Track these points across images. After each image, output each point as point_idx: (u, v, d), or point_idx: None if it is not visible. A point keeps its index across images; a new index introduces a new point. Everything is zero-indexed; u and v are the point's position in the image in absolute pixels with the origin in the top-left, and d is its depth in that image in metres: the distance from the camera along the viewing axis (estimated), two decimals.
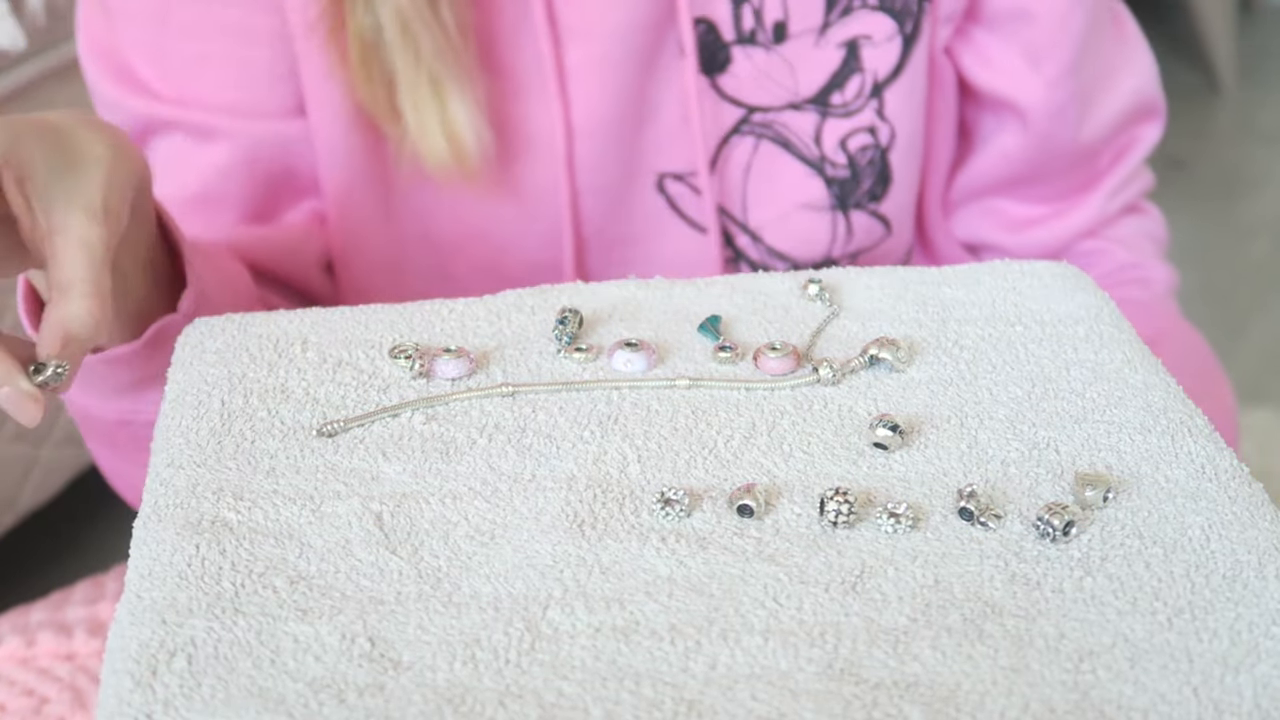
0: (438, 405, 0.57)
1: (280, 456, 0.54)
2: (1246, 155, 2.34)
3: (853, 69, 0.83)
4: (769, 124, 0.84)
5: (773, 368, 0.59)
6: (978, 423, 0.56)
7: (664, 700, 0.44)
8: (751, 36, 0.82)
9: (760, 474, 0.53)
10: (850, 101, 0.84)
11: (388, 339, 0.61)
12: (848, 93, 0.84)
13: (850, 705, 0.43)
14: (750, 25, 0.81)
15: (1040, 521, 0.50)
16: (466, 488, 0.53)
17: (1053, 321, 0.62)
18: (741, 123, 0.83)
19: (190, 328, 0.62)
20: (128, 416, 0.72)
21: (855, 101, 0.84)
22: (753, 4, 0.81)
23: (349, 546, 0.50)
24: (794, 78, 0.83)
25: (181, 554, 0.49)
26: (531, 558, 0.49)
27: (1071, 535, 0.50)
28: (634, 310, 0.63)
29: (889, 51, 0.83)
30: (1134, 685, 0.44)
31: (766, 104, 0.83)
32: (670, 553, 0.49)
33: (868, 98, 0.84)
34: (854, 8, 0.82)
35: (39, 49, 1.33)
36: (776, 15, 0.81)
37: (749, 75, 0.83)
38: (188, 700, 0.44)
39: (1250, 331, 1.87)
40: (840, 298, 0.64)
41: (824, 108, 0.84)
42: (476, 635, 0.46)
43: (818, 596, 0.48)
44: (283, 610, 0.47)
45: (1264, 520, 0.51)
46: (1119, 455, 0.54)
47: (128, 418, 0.73)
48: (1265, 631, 0.46)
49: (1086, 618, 0.47)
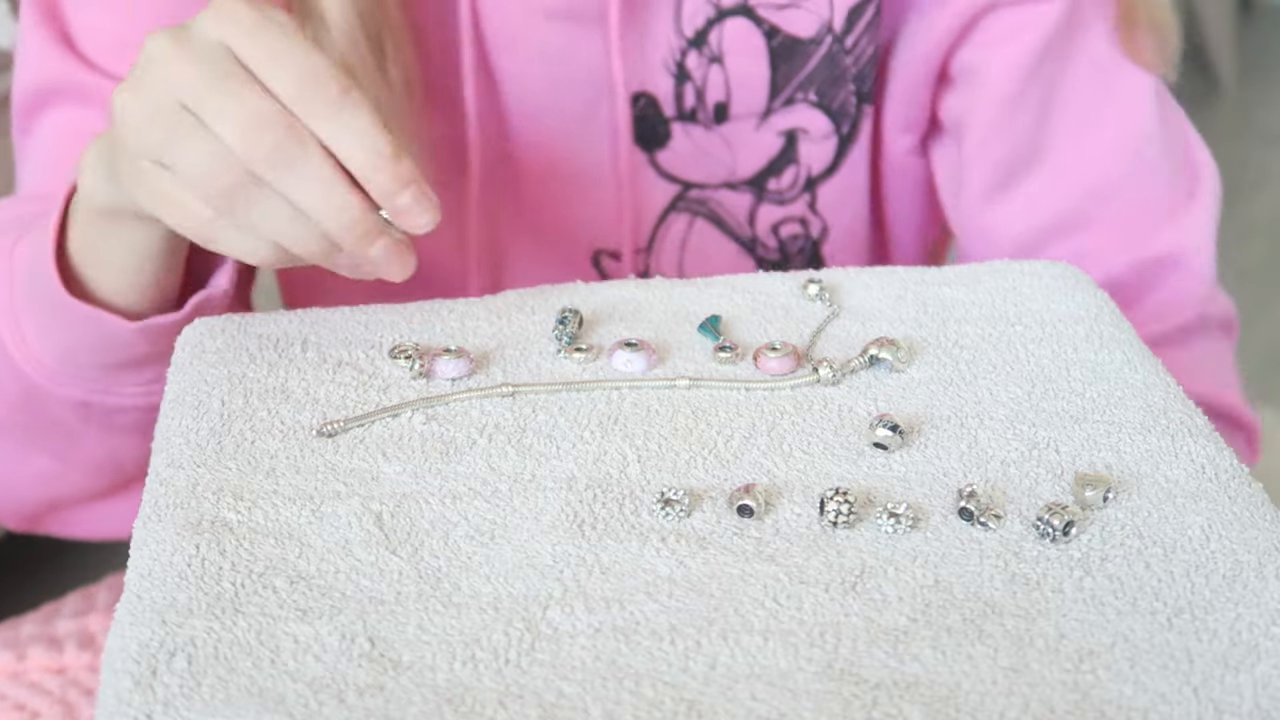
0: (438, 405, 0.57)
1: (280, 456, 0.54)
2: (1246, 155, 2.34)
3: (790, 159, 0.83)
4: (704, 200, 0.83)
5: (773, 368, 0.59)
6: (978, 423, 0.56)
7: (664, 700, 0.44)
8: (692, 114, 0.81)
9: (760, 474, 0.53)
10: (785, 190, 0.84)
11: (388, 339, 0.61)
12: (783, 181, 0.83)
13: (850, 705, 0.43)
14: (692, 103, 0.80)
15: (1040, 521, 0.50)
16: (466, 488, 0.53)
17: (1053, 321, 0.62)
18: (677, 199, 0.83)
19: (190, 328, 0.62)
20: (96, 396, 0.70)
21: (789, 191, 0.84)
22: (695, 83, 0.80)
23: (349, 546, 0.50)
24: (732, 157, 0.82)
25: (181, 554, 0.49)
26: (531, 558, 0.49)
27: (1071, 535, 0.50)
28: (634, 310, 0.63)
29: (824, 149, 0.83)
30: (1134, 685, 0.44)
31: (702, 180, 0.83)
32: (670, 553, 0.49)
33: (801, 189, 0.84)
34: (795, 100, 0.81)
35: None
36: (719, 96, 0.80)
37: (688, 152, 0.81)
38: (188, 700, 0.44)
39: (1250, 331, 1.87)
40: (840, 298, 0.64)
41: (759, 191, 0.83)
42: (476, 635, 0.46)
43: (818, 596, 0.48)
44: (283, 610, 0.47)
45: (1264, 520, 0.51)
46: (1119, 455, 0.54)
47: (95, 398, 0.70)
48: (1265, 631, 0.46)
49: (1086, 618, 0.47)
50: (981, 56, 0.80)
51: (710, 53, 0.80)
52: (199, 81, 0.54)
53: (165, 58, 0.55)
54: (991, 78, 0.80)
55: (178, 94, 0.54)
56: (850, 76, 0.81)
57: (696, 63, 0.80)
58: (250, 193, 0.54)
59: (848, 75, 0.81)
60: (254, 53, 0.54)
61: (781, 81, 0.81)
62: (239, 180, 0.54)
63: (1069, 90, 0.81)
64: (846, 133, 0.82)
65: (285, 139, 0.53)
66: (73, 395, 0.70)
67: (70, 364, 0.69)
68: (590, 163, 0.81)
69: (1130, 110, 0.82)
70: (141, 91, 0.55)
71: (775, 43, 0.80)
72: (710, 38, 0.79)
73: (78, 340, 0.67)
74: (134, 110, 0.55)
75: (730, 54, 0.80)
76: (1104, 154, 0.82)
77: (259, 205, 0.55)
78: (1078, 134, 0.82)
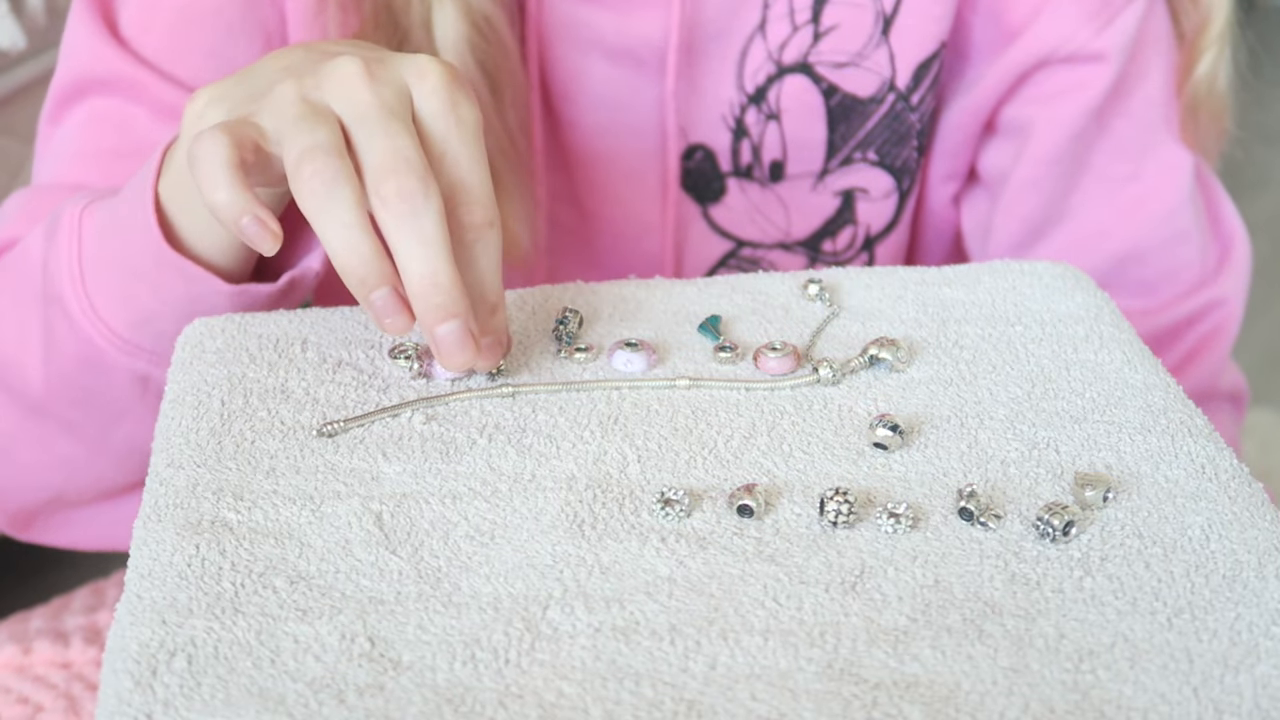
0: (438, 405, 0.57)
1: (280, 456, 0.54)
2: (1246, 155, 2.34)
3: (847, 219, 0.82)
4: (757, 260, 0.83)
5: (773, 368, 0.59)
6: (978, 423, 0.56)
7: (664, 700, 0.44)
8: (748, 171, 0.80)
9: (760, 474, 0.53)
10: (841, 251, 0.83)
11: (388, 339, 0.61)
12: (839, 242, 0.83)
13: (850, 705, 0.43)
14: (748, 160, 0.80)
15: (1040, 521, 0.50)
16: (466, 488, 0.53)
17: (1053, 321, 0.62)
18: (729, 255, 0.83)
19: (190, 328, 0.62)
20: (160, 370, 0.67)
21: (846, 252, 0.83)
22: (752, 139, 0.79)
23: (349, 546, 0.50)
24: (787, 218, 0.82)
25: (181, 554, 0.49)
26: (531, 558, 0.49)
27: (1071, 535, 0.50)
28: (634, 310, 0.63)
29: (884, 207, 0.82)
30: (1134, 685, 0.44)
31: (756, 240, 0.82)
32: (670, 553, 0.49)
33: (859, 250, 0.83)
34: (854, 159, 0.81)
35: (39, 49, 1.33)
36: (775, 154, 0.80)
37: (742, 209, 0.81)
38: (188, 700, 0.44)
39: (1250, 331, 1.87)
40: (840, 298, 0.64)
41: (814, 253, 0.83)
42: (476, 635, 0.46)
43: (818, 596, 0.48)
44: (283, 610, 0.47)
45: (1264, 520, 0.51)
46: (1119, 455, 0.54)
47: (159, 372, 0.68)
48: (1265, 631, 0.46)
49: (1086, 618, 0.47)
50: (1030, 112, 0.80)
51: (768, 109, 0.79)
52: (368, 107, 0.55)
53: (350, 74, 0.55)
54: (1038, 134, 0.80)
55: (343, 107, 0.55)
56: (915, 133, 0.81)
57: (755, 119, 0.79)
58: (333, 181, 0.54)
59: (912, 132, 0.81)
60: (442, 126, 0.55)
61: (839, 141, 0.81)
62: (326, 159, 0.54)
63: (1107, 152, 0.81)
64: (907, 188, 0.82)
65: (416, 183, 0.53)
66: (136, 367, 0.68)
67: (146, 331, 0.66)
68: (640, 210, 0.81)
69: (1166, 180, 0.82)
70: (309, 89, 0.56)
71: (833, 102, 0.80)
72: (769, 94, 0.79)
73: (164, 303, 0.65)
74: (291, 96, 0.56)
75: (787, 112, 0.79)
76: (1135, 220, 0.82)
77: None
78: (1109, 197, 0.82)
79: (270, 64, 0.61)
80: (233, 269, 0.65)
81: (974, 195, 0.85)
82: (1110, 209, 0.82)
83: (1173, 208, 0.82)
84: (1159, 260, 0.83)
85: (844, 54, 0.79)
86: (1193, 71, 0.80)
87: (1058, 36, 0.78)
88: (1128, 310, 0.83)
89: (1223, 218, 0.86)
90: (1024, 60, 0.79)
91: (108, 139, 0.74)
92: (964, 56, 0.81)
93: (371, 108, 0.55)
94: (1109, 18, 0.78)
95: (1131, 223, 0.82)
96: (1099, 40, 0.78)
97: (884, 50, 0.79)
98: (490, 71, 0.74)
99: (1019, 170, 0.81)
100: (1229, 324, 0.85)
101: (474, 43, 0.73)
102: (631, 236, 0.82)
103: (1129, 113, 0.80)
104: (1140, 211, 0.82)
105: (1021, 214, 0.82)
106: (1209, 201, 0.85)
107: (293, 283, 0.66)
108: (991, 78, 0.80)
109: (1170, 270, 0.83)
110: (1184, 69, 0.81)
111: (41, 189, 0.76)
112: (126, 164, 0.73)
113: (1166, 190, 0.81)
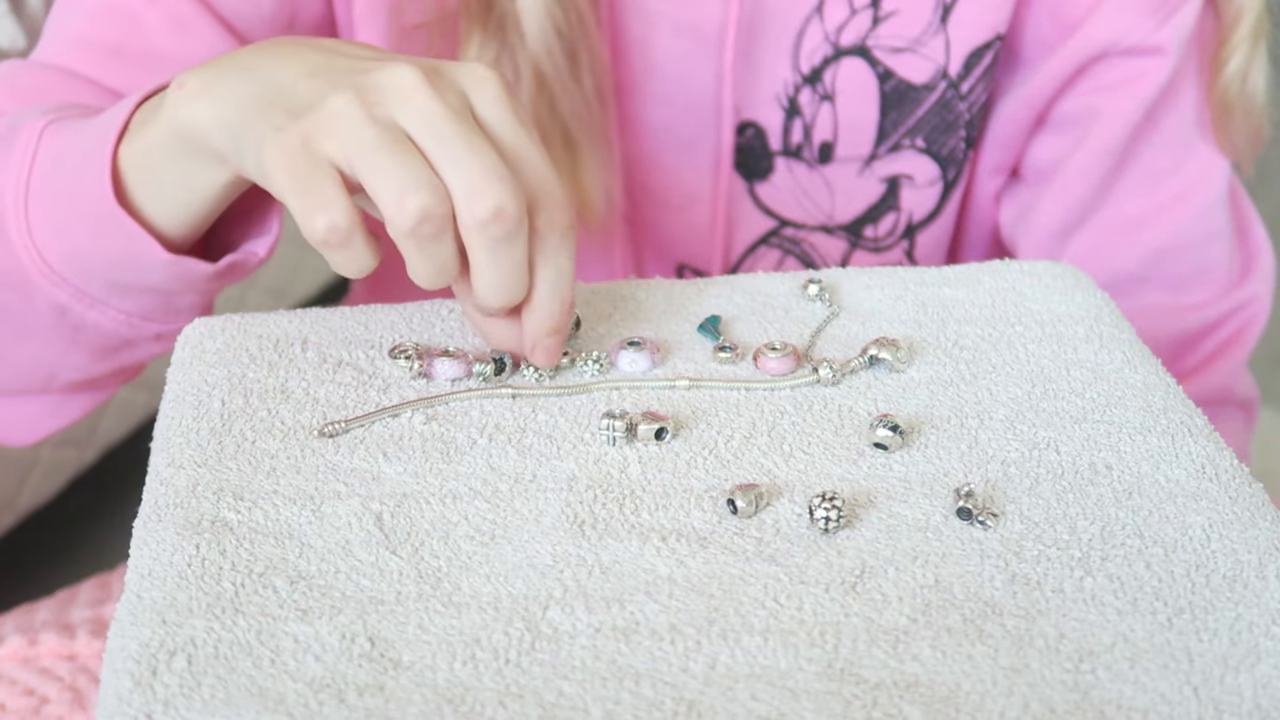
0: (438, 405, 0.57)
1: (280, 456, 0.54)
2: None
3: (890, 205, 0.83)
4: (798, 240, 0.83)
5: (773, 368, 0.59)
6: (978, 423, 0.56)
7: (664, 700, 0.44)
8: (797, 151, 0.81)
9: (760, 474, 0.53)
10: (882, 238, 0.84)
11: (388, 339, 0.61)
12: (880, 228, 0.83)
13: (850, 705, 0.43)
14: (798, 140, 0.80)
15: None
16: (467, 488, 0.53)
17: (1053, 321, 0.62)
18: (771, 234, 0.83)
19: (190, 328, 0.62)
20: (80, 306, 0.66)
21: (886, 239, 0.84)
22: (804, 119, 0.80)
23: (349, 546, 0.50)
24: (831, 200, 0.82)
25: (181, 554, 0.49)
26: (531, 558, 0.49)
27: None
28: (634, 310, 0.63)
29: (929, 195, 0.82)
30: (1134, 685, 0.44)
31: (799, 220, 0.83)
32: (670, 553, 0.49)
33: (899, 237, 0.84)
34: (902, 146, 0.81)
35: None
36: (826, 136, 0.80)
37: (788, 188, 0.81)
38: (188, 700, 0.44)
39: None
40: (840, 298, 0.64)
41: (855, 238, 0.83)
42: (476, 635, 0.46)
43: (818, 596, 0.48)
44: (283, 610, 0.47)
45: (1264, 520, 0.51)
46: (1119, 455, 0.54)
47: (78, 307, 0.66)
48: (1265, 631, 0.46)
49: (1086, 618, 0.47)
50: (1088, 104, 0.80)
51: (823, 91, 0.80)
52: (443, 121, 0.53)
53: (412, 86, 0.53)
54: (1098, 126, 0.80)
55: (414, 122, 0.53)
56: (963, 122, 0.81)
57: (809, 99, 0.80)
58: (440, 231, 0.53)
59: (960, 121, 0.81)
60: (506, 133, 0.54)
61: (889, 127, 0.81)
62: (439, 222, 0.53)
63: (1155, 146, 0.81)
64: (952, 178, 0.82)
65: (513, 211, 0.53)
66: (58, 298, 0.66)
67: (75, 266, 0.65)
68: (691, 182, 0.81)
69: (1204, 177, 0.82)
70: (372, 103, 0.53)
71: (888, 87, 0.80)
72: (825, 75, 0.79)
73: (100, 250, 0.64)
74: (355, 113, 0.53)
75: (842, 94, 0.80)
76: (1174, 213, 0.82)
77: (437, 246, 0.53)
78: (1150, 190, 0.82)
79: (281, 64, 0.57)
80: (177, 239, 0.64)
81: (1013, 189, 0.86)
82: (1150, 201, 0.83)
83: (1209, 205, 0.82)
84: (1193, 256, 0.83)
85: (902, 39, 0.80)
86: (1223, 70, 0.80)
87: (1120, 28, 0.78)
88: (1158, 306, 0.83)
89: (1250, 229, 0.86)
90: (1084, 52, 0.79)
91: (113, 33, 0.73)
92: (1018, 49, 0.82)
93: (447, 121, 0.53)
94: (1169, 12, 0.78)
95: (1170, 216, 0.83)
96: (1159, 34, 0.78)
97: (941, 38, 0.79)
98: (567, 37, 0.75)
99: (1075, 159, 0.81)
100: (1251, 330, 0.85)
101: (552, 8, 0.74)
102: (676, 206, 0.83)
103: (1178, 108, 0.81)
104: (1179, 205, 0.82)
105: (1068, 203, 0.82)
106: (1238, 212, 0.85)
107: (233, 266, 0.65)
108: (1047, 70, 0.80)
109: (1202, 268, 0.83)
110: (1214, 68, 0.81)
111: (32, 65, 0.74)
112: (124, 66, 0.72)
113: (1204, 187, 0.82)
